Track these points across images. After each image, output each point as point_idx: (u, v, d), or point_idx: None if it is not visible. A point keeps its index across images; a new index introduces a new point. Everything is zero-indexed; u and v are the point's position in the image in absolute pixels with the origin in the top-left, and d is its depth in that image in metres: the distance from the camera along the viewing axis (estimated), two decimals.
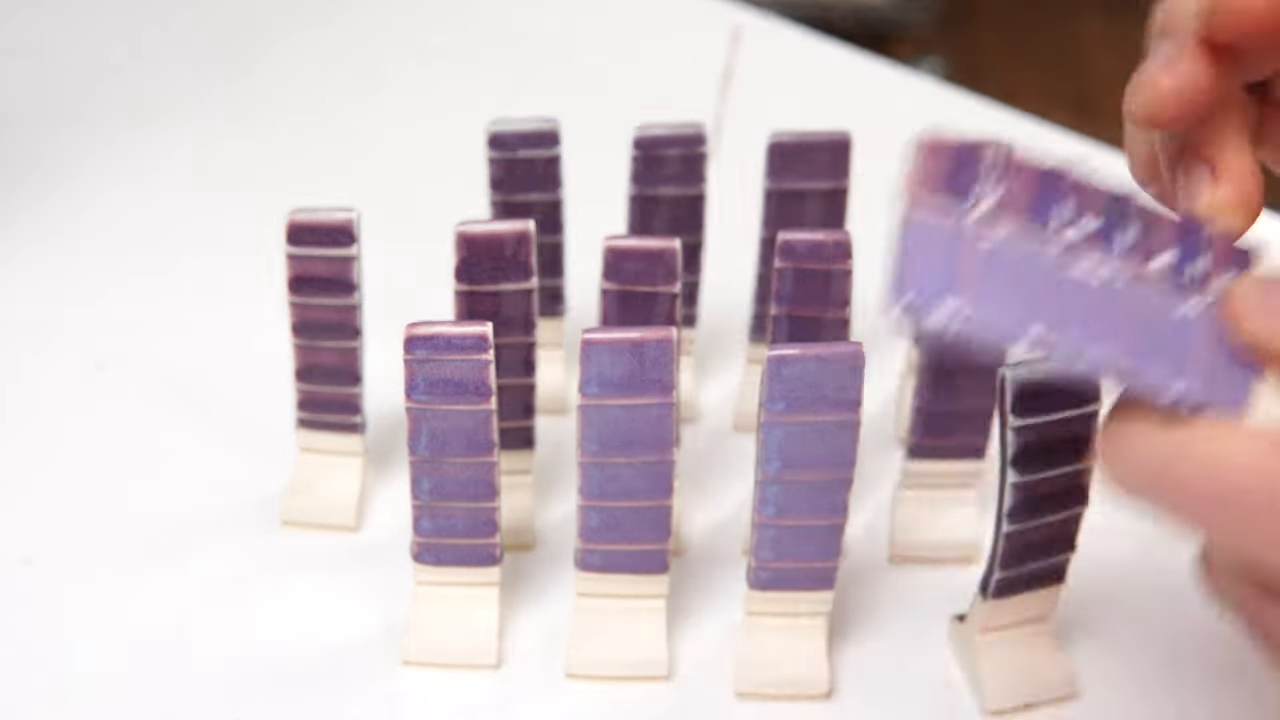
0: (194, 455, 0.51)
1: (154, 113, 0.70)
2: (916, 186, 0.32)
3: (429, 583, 0.45)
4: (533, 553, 0.48)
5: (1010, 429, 0.39)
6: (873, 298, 0.54)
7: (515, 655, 0.45)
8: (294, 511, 0.48)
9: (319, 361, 0.48)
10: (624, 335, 0.40)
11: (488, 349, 0.41)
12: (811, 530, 0.42)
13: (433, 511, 0.43)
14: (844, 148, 0.49)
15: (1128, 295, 0.32)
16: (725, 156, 0.65)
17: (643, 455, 0.41)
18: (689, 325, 0.52)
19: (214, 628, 0.45)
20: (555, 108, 0.50)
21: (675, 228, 0.50)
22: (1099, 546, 0.46)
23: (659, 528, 0.43)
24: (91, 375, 0.55)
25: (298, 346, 0.47)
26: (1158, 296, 0.32)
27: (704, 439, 0.53)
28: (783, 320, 0.47)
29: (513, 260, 0.45)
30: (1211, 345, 0.32)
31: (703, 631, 0.46)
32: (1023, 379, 0.39)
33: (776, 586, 0.43)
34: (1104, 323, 0.31)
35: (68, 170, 0.65)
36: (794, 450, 0.40)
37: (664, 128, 0.49)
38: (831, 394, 0.39)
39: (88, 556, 0.48)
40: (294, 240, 0.45)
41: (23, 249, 0.61)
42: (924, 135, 0.33)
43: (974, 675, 0.43)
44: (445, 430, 0.42)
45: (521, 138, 0.50)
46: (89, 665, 0.44)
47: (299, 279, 0.46)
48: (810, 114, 0.54)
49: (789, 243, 0.45)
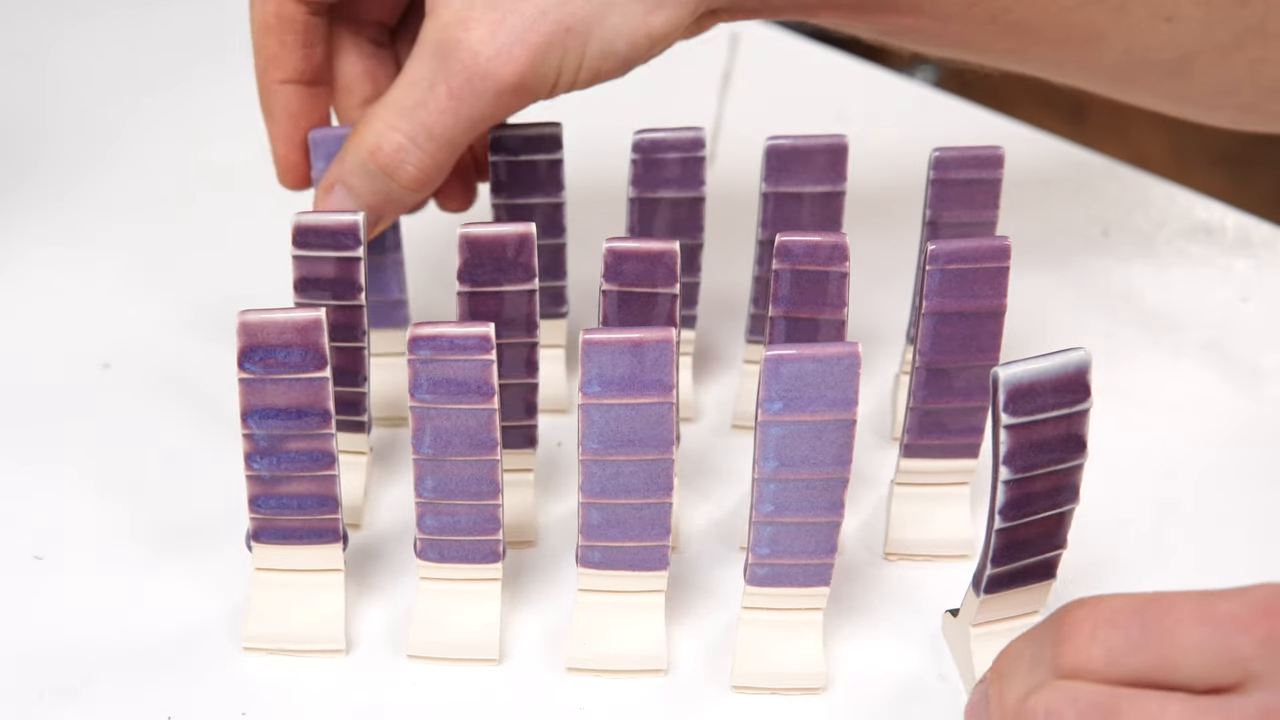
0: (200, 453, 0.52)
1: (159, 114, 0.70)
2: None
3: (432, 579, 0.45)
4: (534, 549, 0.49)
5: (1003, 427, 0.39)
6: (868, 299, 0.55)
7: (517, 650, 0.45)
8: None
9: None
10: (624, 335, 0.40)
11: (490, 349, 0.41)
12: (808, 528, 0.42)
13: (436, 509, 0.44)
14: (840, 152, 0.50)
15: None
16: (724, 160, 0.66)
17: (642, 454, 0.42)
18: (688, 326, 0.53)
19: (221, 624, 0.46)
20: (557, 112, 0.51)
21: (675, 230, 0.51)
22: (1090, 542, 0.47)
23: (658, 525, 0.43)
24: (98, 374, 0.55)
25: None
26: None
27: (703, 438, 0.53)
28: (780, 321, 0.47)
29: (515, 262, 0.46)
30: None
31: (701, 626, 0.46)
32: (1014, 378, 0.39)
33: (773, 583, 0.43)
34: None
35: (74, 171, 0.66)
36: (791, 449, 0.41)
37: (664, 132, 0.50)
38: (828, 394, 0.40)
39: (97, 554, 0.48)
40: (299, 242, 0.46)
41: (29, 249, 0.61)
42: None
43: (967, 669, 0.44)
44: (448, 429, 0.42)
45: (524, 141, 0.50)
46: (100, 660, 0.44)
47: (305, 280, 0.46)
48: (807, 119, 0.55)
49: (786, 245, 0.46)
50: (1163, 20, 0.48)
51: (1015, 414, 0.39)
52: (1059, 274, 0.61)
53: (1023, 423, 0.39)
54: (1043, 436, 0.40)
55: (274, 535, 0.44)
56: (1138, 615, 0.35)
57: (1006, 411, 0.39)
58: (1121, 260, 0.62)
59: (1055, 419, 0.40)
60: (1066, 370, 0.39)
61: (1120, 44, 0.50)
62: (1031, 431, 0.39)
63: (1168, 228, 0.65)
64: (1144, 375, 0.56)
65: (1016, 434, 0.39)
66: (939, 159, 0.50)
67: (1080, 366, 0.39)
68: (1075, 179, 0.67)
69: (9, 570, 0.47)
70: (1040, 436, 0.40)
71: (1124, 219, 0.65)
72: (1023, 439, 0.40)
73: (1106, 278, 0.61)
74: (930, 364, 0.46)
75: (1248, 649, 0.34)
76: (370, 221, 0.47)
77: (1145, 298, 0.60)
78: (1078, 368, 0.39)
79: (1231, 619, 0.34)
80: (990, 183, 0.50)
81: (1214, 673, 0.34)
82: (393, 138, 0.45)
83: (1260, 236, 0.64)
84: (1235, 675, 0.34)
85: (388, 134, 0.45)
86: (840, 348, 0.40)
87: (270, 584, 0.45)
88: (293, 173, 0.49)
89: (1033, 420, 0.39)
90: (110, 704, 0.43)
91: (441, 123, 0.45)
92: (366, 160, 0.45)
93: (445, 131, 0.45)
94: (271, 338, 0.41)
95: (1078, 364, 0.39)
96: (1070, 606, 0.37)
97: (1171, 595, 0.35)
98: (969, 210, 0.50)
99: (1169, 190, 0.66)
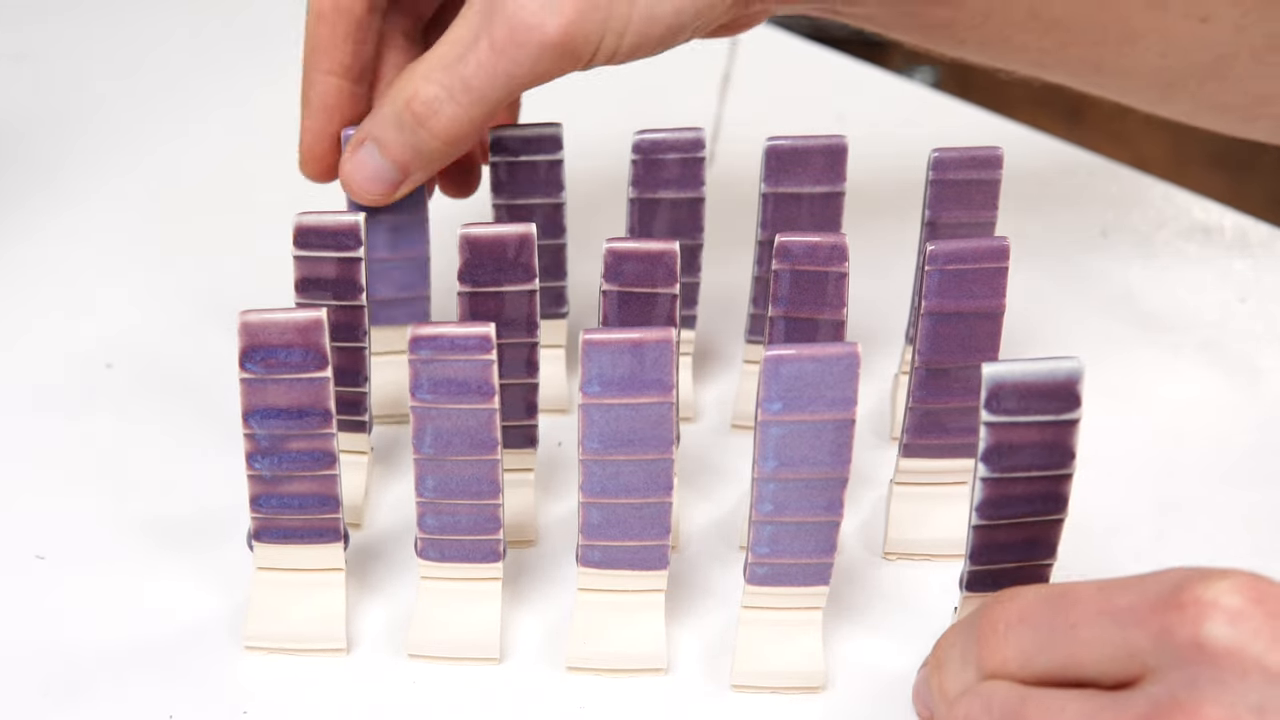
0: (201, 453, 0.52)
1: (162, 115, 0.70)
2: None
3: (433, 578, 0.45)
4: (535, 549, 0.49)
5: (983, 424, 0.39)
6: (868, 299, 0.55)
7: (517, 649, 0.46)
8: None
9: None
10: (624, 336, 0.40)
11: (491, 349, 0.41)
12: (807, 527, 0.42)
13: (437, 508, 0.44)
14: (840, 152, 0.50)
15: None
16: (723, 160, 0.66)
17: (642, 453, 0.42)
18: (688, 326, 0.53)
19: (222, 623, 0.46)
20: (557, 113, 0.51)
21: (674, 230, 0.51)
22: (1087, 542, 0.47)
23: (658, 524, 0.43)
24: (100, 374, 0.55)
25: None
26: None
27: (703, 438, 0.53)
28: (780, 321, 0.47)
29: (515, 262, 0.46)
30: None
31: (701, 626, 0.46)
32: (1000, 377, 0.39)
33: (773, 582, 0.44)
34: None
35: (75, 171, 0.66)
36: (790, 449, 0.41)
37: (664, 132, 0.50)
38: (827, 394, 0.40)
39: (98, 553, 0.48)
40: (300, 242, 0.46)
41: (30, 249, 0.61)
42: None
43: None
44: (449, 429, 0.42)
45: (524, 142, 0.50)
46: (100, 660, 0.45)
47: (306, 280, 0.46)
48: (806, 119, 0.55)
49: (786, 245, 0.46)
50: (1198, 20, 0.48)
51: (996, 412, 0.39)
52: (1058, 274, 0.61)
53: (1002, 422, 0.39)
54: (1024, 439, 0.39)
55: (275, 534, 0.44)
56: (1045, 611, 0.36)
57: (987, 408, 0.39)
58: (1120, 261, 0.62)
59: (1039, 424, 0.39)
60: (1055, 377, 0.39)
61: (1157, 45, 0.50)
62: (1012, 432, 0.39)
63: (1166, 228, 0.65)
64: (1142, 375, 0.57)
65: (996, 432, 0.39)
66: (938, 159, 0.50)
67: (1070, 375, 0.39)
68: (1074, 180, 0.67)
69: (9, 570, 0.47)
70: (1021, 439, 0.39)
71: (1122, 220, 0.65)
72: (1002, 438, 0.39)
73: (1105, 278, 0.61)
74: (929, 364, 0.47)
75: (1144, 643, 0.34)
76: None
77: (1143, 298, 0.60)
78: (1068, 376, 0.39)
79: (1128, 612, 0.34)
80: (989, 183, 0.50)
81: (1115, 667, 0.34)
82: (428, 89, 0.45)
83: (1258, 237, 0.64)
84: (1135, 669, 0.34)
85: (424, 85, 0.45)
86: (840, 348, 0.40)
87: (271, 583, 0.45)
88: (317, 164, 0.49)
89: (1013, 421, 0.39)
90: (110, 703, 0.43)
91: (479, 75, 0.44)
92: (401, 110, 0.45)
93: (482, 85, 0.44)
94: (273, 338, 0.41)
95: (1068, 372, 0.39)
96: (990, 603, 0.38)
97: (1077, 587, 0.36)
98: (968, 211, 0.50)
99: (1167, 191, 0.66)
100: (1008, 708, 0.36)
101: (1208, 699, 0.32)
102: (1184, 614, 0.33)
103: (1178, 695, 0.33)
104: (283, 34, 0.75)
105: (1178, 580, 0.34)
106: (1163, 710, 0.33)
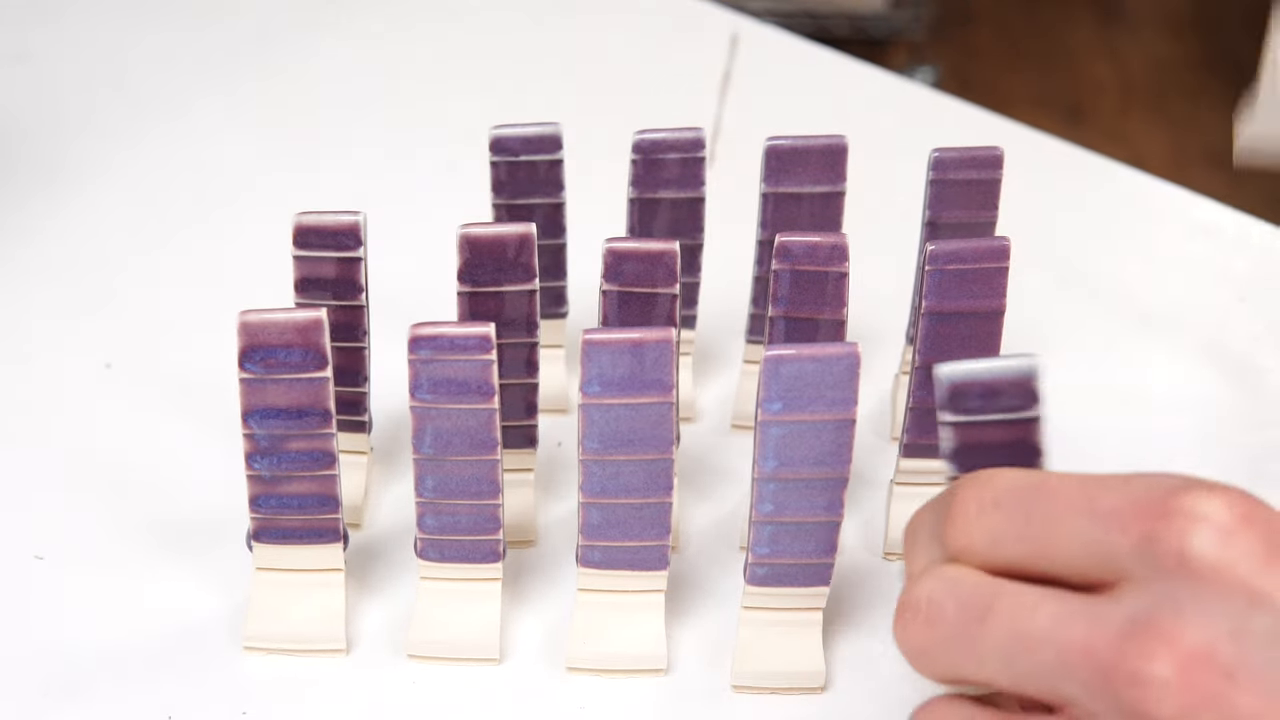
0: (200, 453, 0.52)
1: (162, 117, 0.70)
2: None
3: (432, 578, 0.45)
4: (535, 549, 0.49)
5: (943, 424, 0.38)
6: (868, 299, 0.55)
7: (517, 649, 0.46)
8: None
9: None
10: (624, 336, 0.40)
11: (490, 349, 0.41)
12: (808, 527, 0.42)
13: (436, 509, 0.44)
14: (840, 152, 0.50)
15: None
16: (724, 160, 0.66)
17: (643, 453, 0.42)
18: (688, 326, 0.53)
19: (221, 623, 0.46)
20: (557, 113, 0.51)
21: (674, 230, 0.51)
22: None
23: (659, 524, 0.43)
24: (99, 374, 0.55)
25: None
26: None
27: (703, 438, 0.53)
28: (780, 321, 0.47)
29: (515, 262, 0.46)
30: None
31: (701, 626, 0.46)
32: (954, 377, 0.38)
33: (773, 582, 0.44)
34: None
35: (76, 171, 0.66)
36: (791, 449, 0.41)
37: (664, 132, 0.50)
38: (828, 394, 0.40)
39: (98, 553, 0.48)
40: (300, 242, 0.46)
41: (29, 249, 0.61)
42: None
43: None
44: (449, 429, 0.42)
45: (523, 142, 0.50)
46: (100, 660, 0.45)
47: (306, 280, 0.46)
48: (806, 119, 0.55)
49: (786, 245, 0.46)
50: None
51: (955, 411, 0.38)
52: (1058, 274, 0.61)
53: (963, 422, 0.38)
54: (988, 439, 0.38)
55: (274, 535, 0.44)
56: (1023, 499, 0.35)
57: (946, 409, 0.38)
58: (1120, 261, 0.62)
59: (1001, 423, 0.38)
60: (1009, 375, 0.38)
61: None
62: (974, 432, 0.38)
63: (1166, 228, 0.65)
64: (1141, 375, 0.57)
65: (958, 432, 0.38)
66: (938, 159, 0.50)
67: (1026, 373, 0.38)
68: (1074, 179, 0.67)
69: (9, 570, 0.47)
70: (985, 438, 0.38)
71: (1122, 219, 0.65)
72: (965, 438, 0.38)
73: (1105, 278, 0.61)
74: (930, 364, 0.46)
75: (1124, 548, 0.32)
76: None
77: (1143, 298, 0.60)
78: (1024, 373, 0.38)
79: (1112, 514, 0.33)
80: (989, 183, 0.50)
81: (1089, 567, 0.33)
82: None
83: (1258, 236, 0.64)
84: (1111, 573, 0.33)
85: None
86: (840, 348, 0.40)
87: (271, 583, 0.45)
88: None
89: (973, 421, 0.38)
90: (110, 704, 0.43)
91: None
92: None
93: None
94: (272, 338, 0.41)
95: (1024, 370, 0.38)
96: (963, 482, 0.36)
97: (1059, 479, 0.35)
98: (968, 210, 0.50)
99: (1167, 190, 0.66)
100: (977, 598, 0.34)
101: (1187, 619, 0.31)
102: (1170, 524, 0.32)
103: (1155, 614, 0.31)
104: (281, 36, 0.76)
105: (1168, 487, 0.33)
106: (1139, 628, 0.31)
